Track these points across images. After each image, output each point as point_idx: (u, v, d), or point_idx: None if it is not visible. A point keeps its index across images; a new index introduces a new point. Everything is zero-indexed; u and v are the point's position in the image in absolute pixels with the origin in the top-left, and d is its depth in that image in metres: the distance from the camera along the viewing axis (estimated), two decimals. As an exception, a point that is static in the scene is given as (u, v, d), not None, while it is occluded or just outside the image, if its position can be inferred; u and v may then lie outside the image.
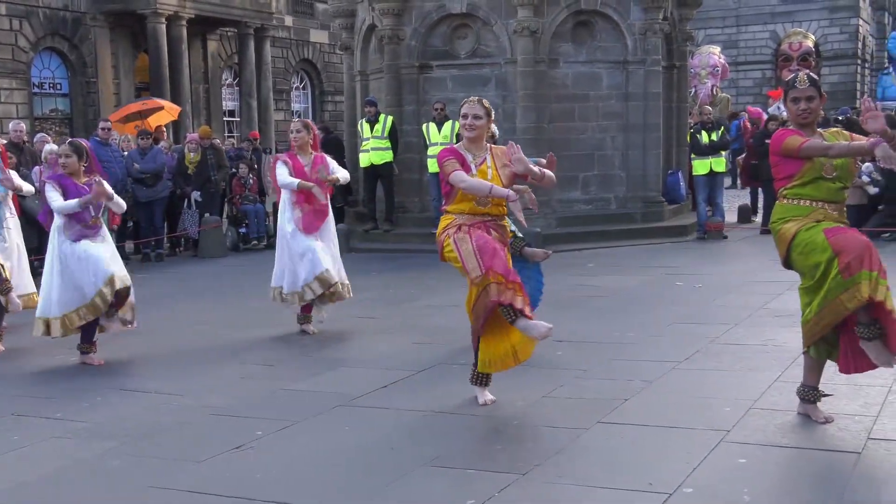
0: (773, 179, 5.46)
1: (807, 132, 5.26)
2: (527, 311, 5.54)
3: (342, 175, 8.51)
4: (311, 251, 8.14)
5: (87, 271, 7.28)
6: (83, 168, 7.40)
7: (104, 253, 7.43)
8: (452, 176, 5.68)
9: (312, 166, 8.26)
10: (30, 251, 9.60)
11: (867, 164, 12.60)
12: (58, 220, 7.36)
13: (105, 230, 7.76)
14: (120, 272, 7.38)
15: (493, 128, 6.18)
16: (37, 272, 9.00)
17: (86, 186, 7.31)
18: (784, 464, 4.70)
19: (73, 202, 7.22)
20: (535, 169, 5.72)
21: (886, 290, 4.94)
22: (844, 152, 5.16)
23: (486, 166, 5.77)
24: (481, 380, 5.86)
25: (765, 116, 19.30)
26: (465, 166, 5.76)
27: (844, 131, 5.43)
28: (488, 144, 5.91)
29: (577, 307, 9.23)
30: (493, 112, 5.92)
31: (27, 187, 8.99)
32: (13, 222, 8.94)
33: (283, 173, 8.20)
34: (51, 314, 7.39)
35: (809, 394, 5.32)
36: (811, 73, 5.45)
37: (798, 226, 5.24)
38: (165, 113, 18.91)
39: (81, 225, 7.35)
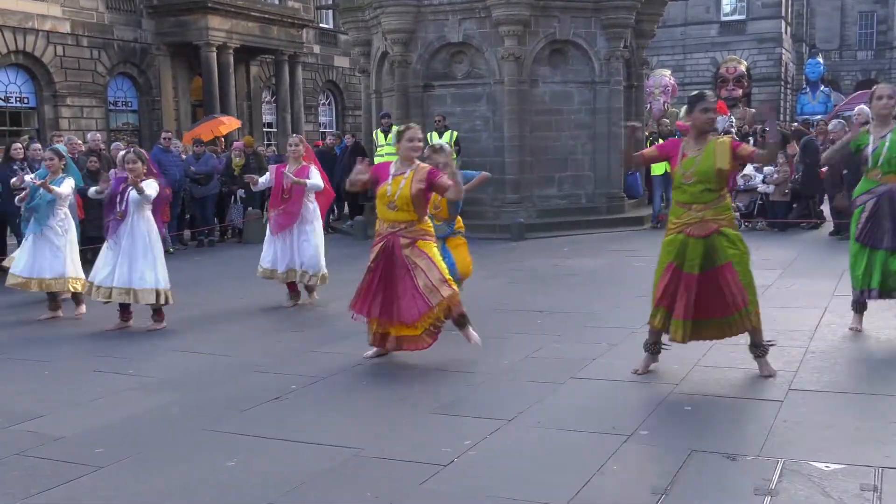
0: None
1: (699, 139, 5.13)
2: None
3: (311, 182, 8.17)
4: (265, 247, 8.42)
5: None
6: (144, 171, 7.40)
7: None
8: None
9: (295, 173, 8.18)
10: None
11: (768, 168, 12.60)
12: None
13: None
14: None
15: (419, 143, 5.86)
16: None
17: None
18: (721, 410, 4.70)
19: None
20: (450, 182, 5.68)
21: (677, 328, 5.18)
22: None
23: (403, 177, 5.68)
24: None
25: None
26: (385, 174, 5.74)
27: (724, 137, 5.22)
28: (417, 162, 5.80)
29: (554, 283, 9.21)
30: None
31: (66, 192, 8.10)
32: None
33: (262, 180, 8.58)
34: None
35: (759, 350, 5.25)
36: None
37: (668, 232, 5.24)
38: (235, 122, 19.72)
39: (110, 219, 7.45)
